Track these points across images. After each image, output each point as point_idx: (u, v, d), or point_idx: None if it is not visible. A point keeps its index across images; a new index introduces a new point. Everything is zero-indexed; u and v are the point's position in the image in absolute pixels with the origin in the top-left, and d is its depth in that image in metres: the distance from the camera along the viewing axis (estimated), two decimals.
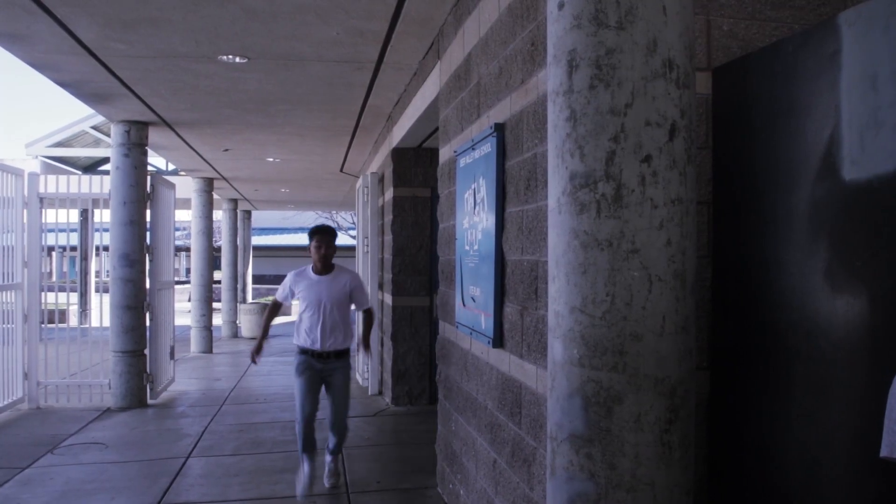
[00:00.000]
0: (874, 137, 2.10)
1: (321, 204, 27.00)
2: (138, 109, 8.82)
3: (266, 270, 42.70)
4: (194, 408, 9.51)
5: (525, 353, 3.67)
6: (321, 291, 5.88)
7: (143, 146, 9.69)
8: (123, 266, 9.38)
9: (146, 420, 8.81)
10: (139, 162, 9.59)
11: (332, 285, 5.92)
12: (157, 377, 9.85)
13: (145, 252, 9.65)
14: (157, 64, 6.80)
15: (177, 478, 6.38)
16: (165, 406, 9.62)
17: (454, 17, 5.32)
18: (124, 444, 7.62)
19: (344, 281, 6.01)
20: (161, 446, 7.49)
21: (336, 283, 5.95)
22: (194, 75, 7.22)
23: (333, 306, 5.87)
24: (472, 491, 4.75)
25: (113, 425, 8.46)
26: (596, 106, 2.27)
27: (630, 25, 2.25)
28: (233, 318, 18.74)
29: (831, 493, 2.28)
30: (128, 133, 9.51)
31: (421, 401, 9.31)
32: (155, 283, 9.86)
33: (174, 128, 10.00)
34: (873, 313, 2.13)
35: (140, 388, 9.51)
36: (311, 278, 5.97)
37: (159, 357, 9.98)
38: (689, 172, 2.33)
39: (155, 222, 9.91)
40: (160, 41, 6.10)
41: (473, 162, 4.62)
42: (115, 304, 9.38)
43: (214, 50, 6.35)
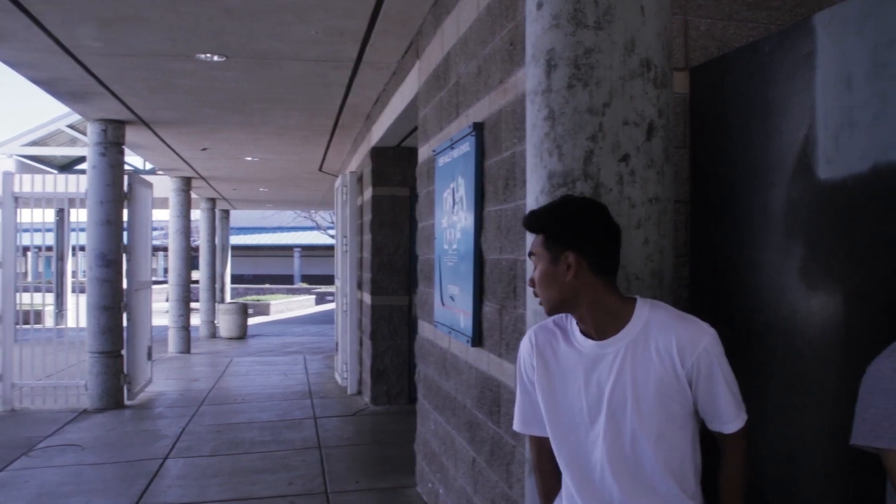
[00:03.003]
0: (848, 137, 2.12)
1: (300, 203, 26.95)
2: (115, 108, 8.75)
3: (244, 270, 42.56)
4: (172, 408, 9.45)
5: (504, 352, 3.68)
6: (596, 380, 2.05)
7: (120, 145, 9.62)
8: (100, 266, 9.30)
9: (123, 421, 8.74)
10: (116, 161, 9.51)
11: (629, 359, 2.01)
12: (134, 378, 9.77)
13: (122, 252, 9.57)
14: (134, 62, 6.75)
15: (154, 479, 6.34)
16: (143, 407, 9.55)
17: (433, 17, 5.32)
18: (101, 445, 7.56)
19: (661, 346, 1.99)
20: (138, 447, 7.43)
21: (639, 350, 2.01)
22: (172, 74, 7.17)
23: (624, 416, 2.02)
24: (451, 490, 4.76)
25: (89, 427, 8.39)
26: (574, 105, 2.28)
27: (608, 25, 2.26)
28: (211, 318, 18.63)
29: (806, 488, 2.31)
30: (104, 132, 9.43)
31: (400, 400, 9.30)
32: (132, 284, 9.77)
33: (151, 127, 9.93)
34: (848, 312, 2.15)
35: (117, 389, 9.43)
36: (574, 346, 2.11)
37: (136, 358, 9.90)
38: (666, 172, 2.35)
39: (132, 222, 9.83)
40: (137, 39, 6.05)
41: (452, 161, 4.62)
42: (91, 305, 9.30)
43: (192, 48, 6.31)
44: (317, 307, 31.05)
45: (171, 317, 15.24)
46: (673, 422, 2.02)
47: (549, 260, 2.02)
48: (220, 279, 21.73)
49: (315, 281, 42.22)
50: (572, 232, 2.01)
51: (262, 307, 26.30)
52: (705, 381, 2.00)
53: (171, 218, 15.85)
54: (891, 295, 2.01)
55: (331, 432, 8.02)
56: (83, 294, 9.75)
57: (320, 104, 8.56)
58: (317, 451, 7.24)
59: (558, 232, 2.02)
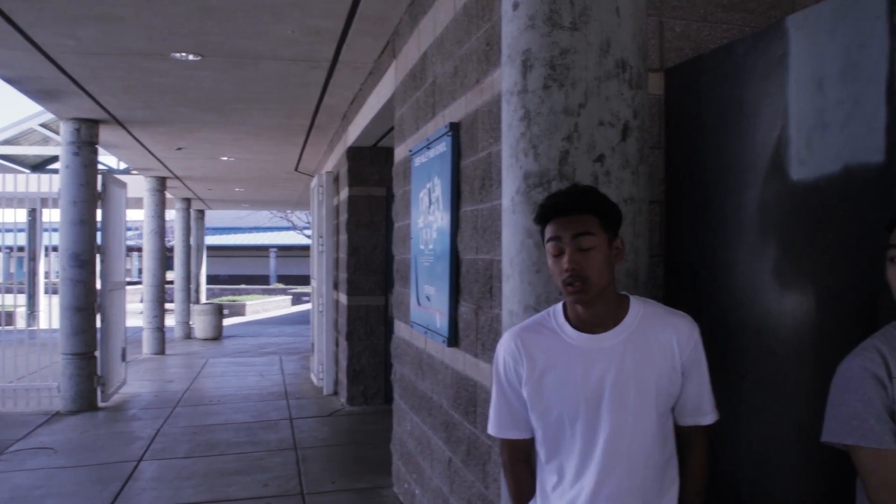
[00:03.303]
0: (821, 138, 2.14)
1: (276, 203, 26.81)
2: (89, 107, 8.67)
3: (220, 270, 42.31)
4: (146, 410, 9.37)
5: (480, 352, 3.68)
6: (596, 373, 2.05)
7: (94, 144, 9.53)
8: (73, 267, 9.20)
9: (97, 423, 8.66)
10: (89, 160, 9.42)
11: (629, 352, 2.05)
12: (108, 380, 9.68)
13: (96, 252, 9.48)
14: (109, 61, 6.69)
15: (128, 482, 6.29)
16: (117, 409, 9.47)
17: (410, 17, 5.32)
18: (74, 448, 7.49)
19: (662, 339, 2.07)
20: (112, 450, 7.37)
21: (638, 343, 2.06)
22: (147, 73, 7.11)
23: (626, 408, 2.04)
24: (427, 490, 4.76)
25: (62, 429, 8.30)
26: (550, 106, 2.29)
27: (584, 26, 2.28)
28: (186, 318, 18.49)
29: (779, 486, 2.33)
30: (78, 131, 9.34)
31: (376, 400, 9.28)
32: (106, 284, 9.69)
33: (126, 126, 9.84)
34: (820, 311, 2.17)
35: (90, 391, 9.34)
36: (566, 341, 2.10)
37: (110, 359, 9.81)
38: (641, 172, 2.36)
39: (106, 222, 9.74)
40: (112, 38, 6.00)
41: (429, 161, 4.62)
42: (64, 306, 9.20)
43: (168, 47, 6.27)
44: (293, 308, 30.93)
45: (145, 318, 15.11)
46: (666, 415, 2.09)
47: (607, 242, 2.00)
48: (195, 280, 21.60)
49: (291, 281, 42.03)
50: (620, 217, 2.05)
51: (237, 308, 26.15)
52: (696, 373, 2.09)
53: (145, 218, 15.72)
54: (862, 295, 2.03)
55: (307, 433, 8.00)
56: (56, 295, 9.65)
57: (297, 104, 8.53)
58: (293, 452, 7.21)
59: (614, 215, 2.03)
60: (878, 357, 1.74)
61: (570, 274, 1.96)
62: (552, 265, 2.01)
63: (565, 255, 1.97)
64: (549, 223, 2.02)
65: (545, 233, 2.04)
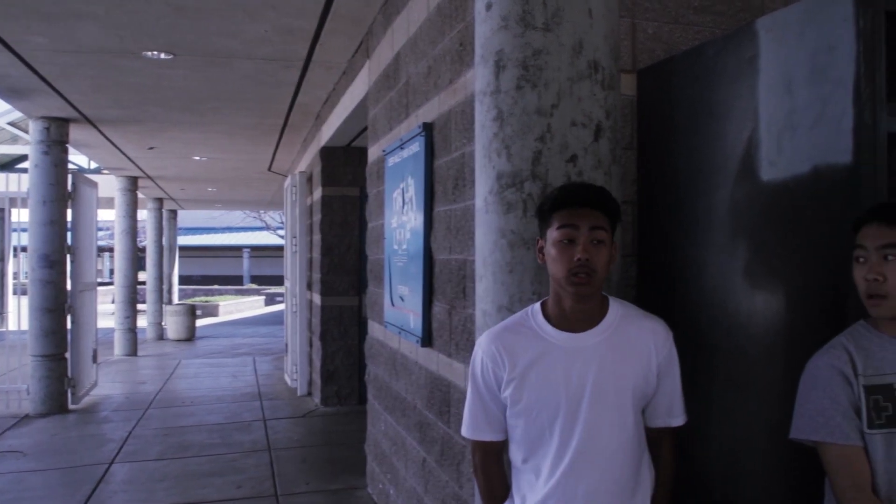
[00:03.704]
0: (790, 139, 2.17)
1: (249, 203, 26.67)
2: (58, 106, 8.57)
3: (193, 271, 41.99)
4: (118, 412, 9.28)
5: (454, 352, 3.68)
6: (577, 371, 2.05)
7: (64, 143, 9.42)
8: (43, 267, 9.10)
9: (67, 426, 8.56)
10: (59, 160, 9.32)
11: (610, 351, 2.07)
12: (78, 381, 9.58)
13: (66, 253, 9.37)
14: (79, 59, 6.62)
15: (99, 485, 6.23)
16: (88, 411, 9.36)
17: (383, 17, 5.31)
18: (44, 451, 7.39)
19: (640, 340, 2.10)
20: (83, 453, 7.29)
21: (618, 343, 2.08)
22: (118, 71, 7.05)
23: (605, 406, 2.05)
24: (401, 490, 4.75)
25: (31, 432, 8.20)
26: (523, 106, 2.30)
27: (556, 27, 2.28)
28: (158, 319, 18.33)
29: (749, 485, 2.35)
30: (47, 130, 9.23)
31: (350, 401, 9.26)
32: (77, 285, 9.58)
33: (97, 125, 9.74)
34: (790, 310, 2.20)
35: (61, 393, 9.23)
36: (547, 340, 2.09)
37: (81, 361, 9.70)
38: (614, 172, 2.37)
39: (76, 222, 9.64)
40: (82, 36, 5.94)
41: (402, 161, 4.62)
42: (34, 307, 9.09)
43: (139, 46, 6.21)
44: (266, 308, 30.78)
45: (117, 319, 14.97)
46: (640, 415, 2.12)
47: (611, 242, 2.03)
48: (167, 280, 21.43)
49: (264, 282, 41.81)
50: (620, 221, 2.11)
51: (210, 308, 25.97)
52: (670, 375, 2.12)
53: (116, 218, 15.56)
54: (831, 294, 2.06)
55: (281, 434, 7.96)
56: (25, 296, 9.53)
57: (270, 103, 8.49)
58: (266, 453, 7.18)
59: (619, 218, 2.07)
60: (845, 354, 1.77)
61: (580, 264, 1.95)
62: (558, 253, 1.98)
63: (578, 244, 1.96)
64: (562, 211, 1.99)
65: (552, 220, 2.01)
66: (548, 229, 2.03)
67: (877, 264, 1.75)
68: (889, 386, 1.75)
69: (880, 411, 1.74)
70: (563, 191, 2.04)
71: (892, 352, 1.78)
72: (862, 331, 1.83)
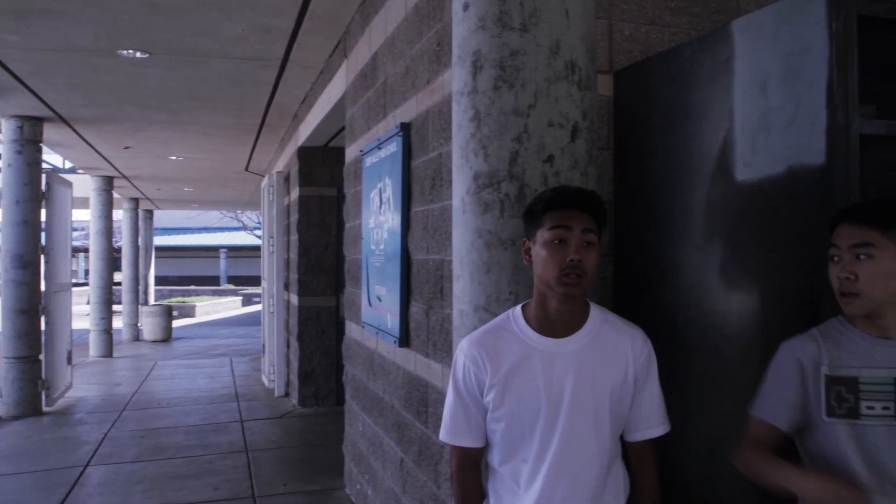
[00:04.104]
0: (764, 140, 2.18)
1: (226, 203, 26.55)
2: (32, 104, 8.48)
3: (169, 271, 41.70)
4: (93, 414, 9.20)
5: (431, 352, 3.68)
6: (557, 376, 2.05)
7: (38, 143, 9.33)
8: (16, 268, 9.00)
9: (41, 429, 8.47)
10: (33, 159, 9.23)
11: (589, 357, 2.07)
12: (53, 383, 9.48)
13: (40, 253, 9.28)
14: (53, 57, 6.55)
15: (74, 487, 6.17)
16: (62, 413, 9.27)
17: (361, 16, 5.30)
18: (17, 454, 7.31)
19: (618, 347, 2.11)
20: (57, 455, 7.21)
21: (597, 349, 2.09)
22: (93, 70, 6.98)
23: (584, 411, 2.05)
24: (379, 491, 4.74)
25: (4, 435, 8.11)
26: (500, 106, 2.30)
27: (533, 27, 2.29)
28: (134, 320, 18.20)
29: (726, 484, 2.36)
30: (20, 129, 9.14)
31: (328, 402, 9.23)
32: (51, 286, 9.49)
33: (71, 124, 9.65)
34: (764, 309, 2.21)
35: (34, 396, 9.14)
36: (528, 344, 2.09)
37: (55, 362, 9.61)
38: (590, 173, 2.38)
39: (50, 222, 9.55)
40: (56, 33, 5.88)
41: (379, 161, 4.61)
42: (7, 308, 8.99)
43: (114, 44, 6.16)
44: (244, 308, 30.62)
45: (92, 320, 14.84)
46: (618, 422, 2.11)
47: (599, 244, 2.03)
48: (143, 281, 21.27)
49: (242, 282, 41.59)
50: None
51: (187, 309, 25.80)
52: (649, 385, 2.13)
53: (92, 218, 15.43)
54: (806, 294, 2.08)
55: (258, 435, 7.92)
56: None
57: (247, 103, 8.45)
58: (243, 454, 7.14)
59: (606, 219, 2.08)
60: (813, 345, 1.85)
61: (572, 264, 1.96)
62: (549, 253, 1.98)
63: (570, 245, 1.96)
64: (555, 212, 1.99)
65: (543, 220, 2.01)
66: (538, 230, 2.02)
67: (849, 263, 1.79)
68: (853, 379, 1.80)
69: (841, 402, 1.80)
70: (556, 192, 2.04)
71: (862, 347, 1.83)
72: (836, 324, 1.89)
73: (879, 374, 1.79)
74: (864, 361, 1.81)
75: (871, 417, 1.78)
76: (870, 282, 1.77)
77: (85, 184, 15.11)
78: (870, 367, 1.80)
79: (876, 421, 1.78)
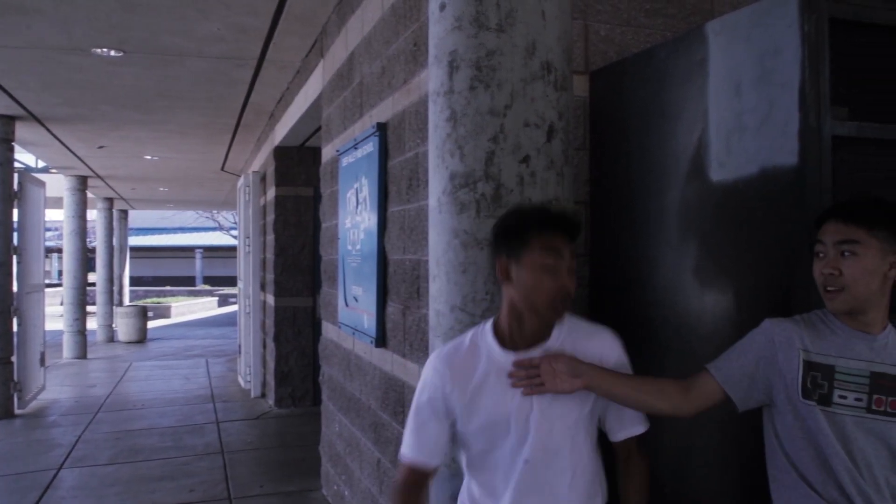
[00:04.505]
0: (738, 141, 2.20)
1: (201, 203, 26.39)
2: (4, 103, 8.38)
3: (144, 272, 41.39)
4: (67, 416, 9.11)
5: (408, 352, 3.68)
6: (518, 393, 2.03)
7: (10, 142, 9.23)
8: None
9: (13, 431, 8.38)
10: (5, 158, 9.12)
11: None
12: (25, 385, 9.38)
13: (12, 254, 9.17)
14: (26, 55, 6.48)
15: (47, 491, 6.11)
16: (35, 416, 9.18)
17: (337, 16, 5.29)
18: None
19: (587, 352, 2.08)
20: (30, 458, 7.14)
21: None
22: (67, 68, 6.92)
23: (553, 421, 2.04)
24: (356, 491, 4.73)
25: None
26: (476, 107, 2.30)
27: (510, 28, 2.29)
28: (109, 321, 18.04)
29: (700, 477, 2.39)
30: None
31: (304, 402, 9.20)
32: (23, 287, 9.39)
33: (44, 123, 9.56)
34: (738, 309, 2.23)
35: (6, 398, 9.02)
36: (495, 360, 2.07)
37: (28, 364, 9.51)
38: (566, 173, 2.39)
39: (23, 222, 9.45)
40: (29, 31, 5.81)
41: (356, 161, 4.60)
42: None
43: (88, 43, 6.10)
44: (220, 309, 30.45)
45: (65, 321, 14.69)
46: (593, 429, 2.11)
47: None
48: (118, 281, 21.07)
49: (217, 282, 41.34)
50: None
51: (162, 310, 25.61)
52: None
53: (65, 218, 15.27)
54: (779, 293, 2.10)
55: (234, 436, 7.88)
56: None
57: (223, 102, 8.40)
58: (219, 456, 7.10)
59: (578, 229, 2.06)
60: (793, 327, 1.89)
61: (567, 292, 1.97)
62: (540, 278, 1.96)
63: (561, 271, 1.95)
64: (545, 236, 1.96)
65: (531, 242, 1.96)
66: (525, 251, 1.97)
67: (833, 259, 1.83)
68: (830, 367, 1.83)
69: (816, 388, 1.83)
70: (545, 216, 2.00)
71: (842, 338, 1.86)
72: (819, 314, 1.92)
73: (856, 366, 1.83)
74: (842, 352, 1.84)
75: (841, 406, 1.82)
76: (853, 278, 1.81)
77: (58, 183, 14.96)
78: (847, 357, 1.84)
79: (846, 410, 1.81)
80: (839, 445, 1.80)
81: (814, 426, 1.83)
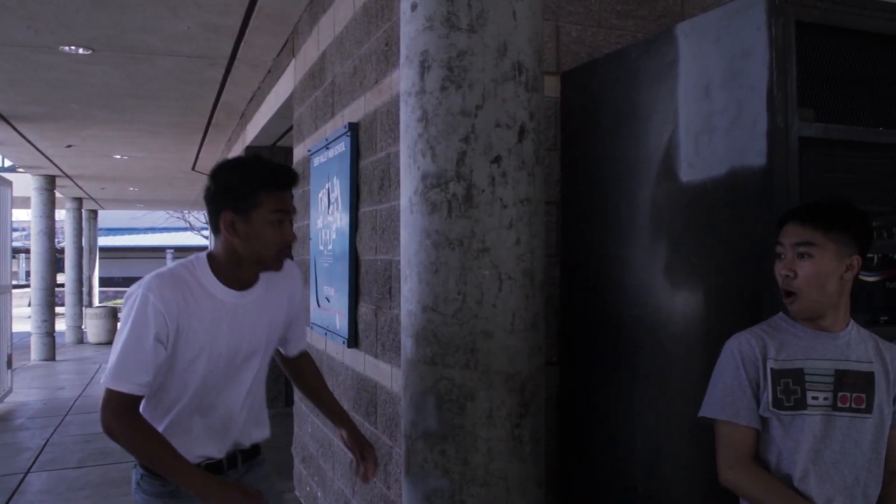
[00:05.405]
0: (708, 142, 2.22)
1: (172, 203, 26.13)
2: None
3: (114, 272, 40.97)
4: (35, 419, 8.99)
5: (380, 353, 3.67)
6: (244, 326, 2.30)
7: None
8: None
9: None
10: None
11: (266, 309, 2.37)
12: None
13: None
14: None
15: (14, 496, 6.02)
16: (2, 419, 9.05)
17: (309, 15, 5.27)
18: None
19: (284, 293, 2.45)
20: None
21: (271, 300, 2.39)
22: (34, 66, 6.82)
23: (263, 357, 2.45)
24: (329, 492, 4.72)
25: None
26: (447, 107, 2.30)
27: (481, 28, 2.29)
28: (78, 322, 17.84)
29: (671, 478, 2.40)
30: None
31: (277, 404, 9.14)
32: None
33: (11, 121, 9.42)
34: (708, 308, 2.25)
35: None
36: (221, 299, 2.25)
37: None
38: (537, 173, 2.40)
39: None
40: None
41: (327, 161, 4.59)
42: None
43: (56, 40, 6.02)
44: None
45: (33, 322, 14.50)
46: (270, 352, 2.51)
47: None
48: (87, 282, 20.88)
49: None
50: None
51: None
52: (301, 315, 2.61)
53: (32, 218, 15.07)
54: (747, 292, 2.12)
55: None
56: None
57: (193, 101, 8.34)
58: None
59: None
60: (757, 340, 1.90)
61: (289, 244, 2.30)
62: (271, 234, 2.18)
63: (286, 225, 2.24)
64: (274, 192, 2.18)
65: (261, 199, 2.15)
66: (255, 208, 2.13)
67: (790, 261, 1.86)
68: (799, 370, 1.86)
69: (789, 394, 1.85)
70: (274, 174, 2.19)
71: (806, 340, 1.89)
72: (779, 321, 1.95)
73: (822, 366, 1.86)
74: (808, 353, 1.87)
75: (814, 408, 1.85)
76: (807, 280, 1.83)
77: (26, 183, 14.76)
78: (814, 358, 1.87)
79: (818, 411, 1.85)
80: (810, 445, 1.83)
81: (780, 433, 1.86)
